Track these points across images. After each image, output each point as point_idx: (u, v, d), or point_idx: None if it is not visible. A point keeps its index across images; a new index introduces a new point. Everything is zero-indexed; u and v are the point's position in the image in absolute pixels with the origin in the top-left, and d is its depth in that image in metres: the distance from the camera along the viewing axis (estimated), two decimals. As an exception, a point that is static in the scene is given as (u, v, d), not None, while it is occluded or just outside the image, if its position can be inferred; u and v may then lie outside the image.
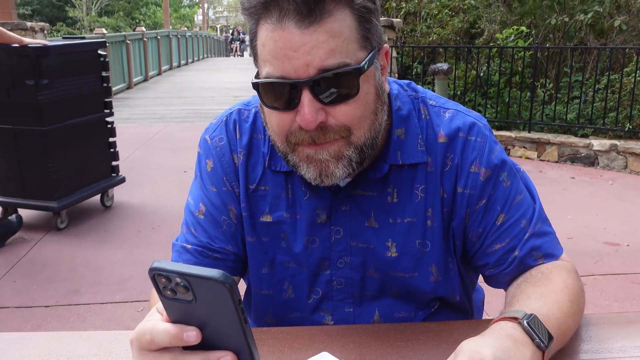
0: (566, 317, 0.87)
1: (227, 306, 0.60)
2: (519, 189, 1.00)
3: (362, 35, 0.84)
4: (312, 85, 0.81)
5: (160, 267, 0.61)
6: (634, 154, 5.70)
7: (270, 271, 1.04)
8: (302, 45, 0.80)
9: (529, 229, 0.98)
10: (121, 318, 2.89)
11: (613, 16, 6.86)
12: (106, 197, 4.61)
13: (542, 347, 0.77)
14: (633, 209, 4.55)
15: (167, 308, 0.66)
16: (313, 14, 0.79)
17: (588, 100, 6.58)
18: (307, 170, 0.89)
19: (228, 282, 0.59)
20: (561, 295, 0.90)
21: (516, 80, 7.17)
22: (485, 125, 1.02)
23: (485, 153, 0.98)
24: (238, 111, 1.05)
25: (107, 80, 4.40)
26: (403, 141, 0.98)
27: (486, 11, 7.95)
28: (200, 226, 1.03)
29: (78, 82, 4.11)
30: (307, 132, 0.85)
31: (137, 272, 3.38)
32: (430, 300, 1.04)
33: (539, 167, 5.98)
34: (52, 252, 3.73)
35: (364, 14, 0.84)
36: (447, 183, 0.98)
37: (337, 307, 1.03)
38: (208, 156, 1.05)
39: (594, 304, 2.98)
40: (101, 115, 4.44)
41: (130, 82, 13.10)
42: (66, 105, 3.99)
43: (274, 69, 0.82)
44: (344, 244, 1.00)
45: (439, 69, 6.12)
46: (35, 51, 3.72)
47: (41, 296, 3.11)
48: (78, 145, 4.16)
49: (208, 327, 0.64)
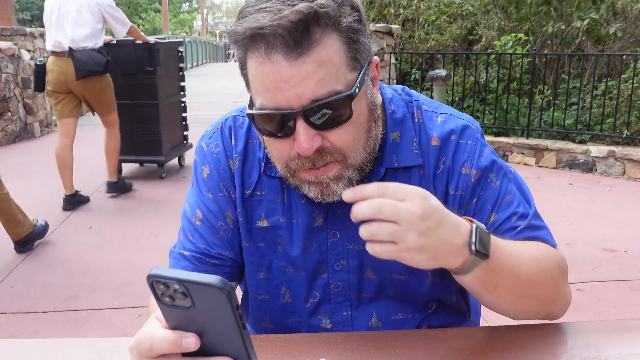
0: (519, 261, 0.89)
1: (225, 312, 0.61)
2: (508, 189, 1.01)
3: (351, 57, 0.84)
4: (306, 114, 0.82)
5: (158, 274, 0.61)
6: (632, 161, 5.71)
7: (267, 276, 1.04)
8: (291, 77, 0.80)
9: (522, 223, 0.99)
10: (120, 324, 2.88)
11: (610, 23, 6.89)
12: (182, 158, 6.10)
13: (471, 250, 0.81)
14: (631, 216, 4.56)
15: (166, 315, 0.66)
16: (300, 46, 0.79)
17: (586, 106, 6.59)
18: (309, 190, 0.91)
19: (226, 288, 0.59)
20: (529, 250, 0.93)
21: (514, 87, 7.19)
22: (477, 128, 1.03)
23: (476, 155, 1.00)
24: (233, 117, 1.06)
25: (182, 70, 6.09)
26: (398, 144, 0.99)
27: (484, 18, 7.98)
28: (198, 232, 1.03)
29: (169, 69, 5.68)
30: (305, 158, 0.86)
31: (135, 278, 3.38)
32: (427, 302, 1.04)
33: (537, 173, 5.99)
34: (51, 257, 3.72)
35: (352, 35, 0.84)
36: (439, 185, 1.00)
37: (334, 310, 1.03)
38: (204, 163, 1.05)
39: (592, 310, 2.98)
40: (180, 95, 6.02)
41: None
42: (165, 86, 5.55)
43: (267, 101, 0.83)
44: (341, 247, 1.00)
45: (437, 75, 6.14)
46: (154, 46, 5.23)
47: (39, 302, 3.10)
48: (169, 115, 5.71)
49: (207, 334, 0.65)
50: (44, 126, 8.28)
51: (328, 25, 0.81)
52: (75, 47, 4.39)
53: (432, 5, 8.42)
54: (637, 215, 4.56)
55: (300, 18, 0.78)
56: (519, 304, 0.93)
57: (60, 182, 4.77)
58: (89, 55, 4.40)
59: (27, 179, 5.70)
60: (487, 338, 0.94)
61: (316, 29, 0.80)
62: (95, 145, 7.42)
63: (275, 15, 0.78)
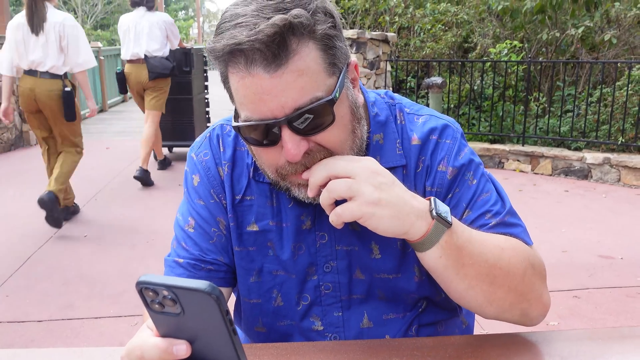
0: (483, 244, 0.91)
1: (215, 317, 0.61)
2: (485, 188, 1.02)
3: (329, 62, 0.86)
4: (290, 122, 0.84)
5: (147, 281, 0.61)
6: (627, 167, 5.73)
7: (259, 280, 1.05)
8: (273, 89, 0.82)
9: (494, 220, 0.99)
10: (116, 333, 2.87)
11: (604, 31, 6.94)
12: None
13: (432, 215, 0.86)
14: (627, 222, 4.57)
15: (156, 322, 0.66)
16: (278, 58, 0.81)
17: (581, 113, 6.62)
18: (300, 192, 0.93)
19: (214, 293, 0.59)
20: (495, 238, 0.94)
21: (510, 94, 7.22)
22: (457, 129, 1.05)
23: (453, 154, 1.02)
24: (220, 126, 1.09)
25: (206, 72, 7.32)
26: (382, 146, 1.02)
27: (479, 26, 8.02)
28: (191, 240, 1.04)
29: (198, 71, 6.93)
30: (296, 163, 0.88)
31: (131, 286, 3.36)
32: (416, 301, 1.05)
33: (532, 180, 6.00)
34: (46, 266, 3.71)
35: (327, 41, 0.86)
36: (419, 183, 1.02)
37: (326, 312, 1.04)
38: (194, 172, 1.07)
39: (588, 317, 2.98)
40: (204, 93, 7.25)
41: (125, 96, 13.11)
42: (196, 84, 6.85)
43: (251, 113, 0.85)
44: (329, 248, 1.02)
45: (433, 82, 6.16)
46: (190, 50, 6.45)
47: (34, 311, 3.09)
48: (198, 109, 6.99)
49: (197, 340, 0.64)
50: (39, 134, 8.26)
51: (304, 35, 0.83)
52: (149, 55, 5.59)
53: (427, 14, 8.46)
54: (633, 222, 4.57)
55: (275, 31, 0.79)
56: (488, 291, 0.91)
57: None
58: (159, 61, 5.61)
59: (22, 187, 5.68)
60: (483, 346, 0.94)
61: (292, 39, 0.82)
62: (88, 154, 7.41)
63: (252, 30, 0.80)
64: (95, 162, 6.81)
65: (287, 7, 0.82)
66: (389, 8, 8.89)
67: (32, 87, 4.14)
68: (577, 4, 6.77)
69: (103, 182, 5.83)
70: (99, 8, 24.86)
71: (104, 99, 11.69)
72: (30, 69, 4.16)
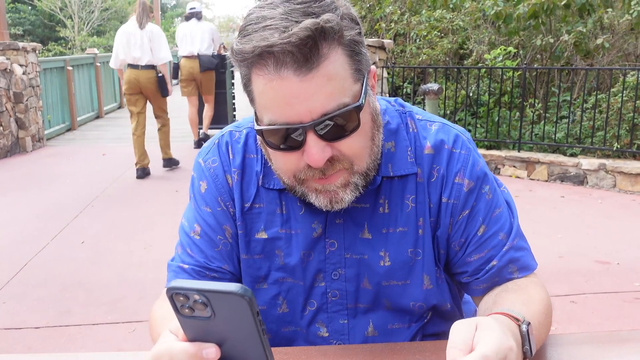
0: (541, 327, 0.91)
1: (246, 319, 0.61)
2: (499, 202, 1.04)
3: (355, 68, 0.87)
4: (316, 128, 0.84)
5: (178, 286, 0.62)
6: (622, 173, 5.76)
7: (264, 287, 1.05)
8: (302, 92, 0.82)
9: (507, 242, 1.02)
10: (113, 339, 2.86)
11: (597, 37, 6.98)
12: None
13: (528, 355, 0.81)
14: (623, 228, 4.59)
15: (185, 326, 0.66)
16: (309, 61, 0.81)
17: (576, 119, 6.66)
18: (317, 199, 0.93)
19: (247, 294, 0.60)
20: (539, 306, 0.95)
21: (505, 100, 7.25)
22: (468, 139, 1.06)
23: (469, 165, 1.02)
24: (230, 133, 1.08)
25: (233, 72, 8.57)
26: (393, 154, 1.02)
27: (474, 32, 8.07)
28: (197, 246, 1.04)
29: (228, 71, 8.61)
30: (316, 168, 0.88)
31: (129, 293, 3.35)
32: (423, 313, 1.05)
33: (529, 186, 6.02)
34: (43, 272, 3.70)
35: (354, 47, 0.86)
36: (433, 193, 1.02)
37: (332, 319, 1.04)
38: (201, 178, 1.06)
39: (586, 322, 2.99)
40: (232, 88, 8.99)
41: (121, 102, 13.09)
42: (228, 81, 8.79)
43: (276, 116, 0.85)
44: (338, 256, 1.02)
45: (429, 89, 6.18)
46: (225, 53, 8.03)
47: (32, 317, 3.08)
48: (230, 100, 8.93)
49: (226, 343, 0.65)
50: (35, 140, 8.24)
51: (334, 40, 0.83)
52: (201, 53, 7.52)
53: (423, 21, 8.50)
54: (629, 228, 4.59)
55: (308, 34, 0.79)
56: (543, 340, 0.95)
57: (50, 199, 5.08)
58: (208, 58, 7.54)
59: (18, 193, 5.67)
60: (484, 350, 0.94)
61: (323, 44, 0.82)
62: (86, 160, 7.41)
63: (284, 32, 0.79)
64: (92, 168, 6.80)
65: (315, 11, 0.82)
66: (385, 15, 8.94)
67: (136, 77, 6.01)
68: (570, 10, 6.82)
69: (100, 188, 5.82)
70: (95, 15, 24.85)
71: (100, 106, 11.67)
72: (134, 64, 6.02)
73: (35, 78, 8.39)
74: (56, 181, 6.17)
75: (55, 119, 9.52)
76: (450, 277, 1.10)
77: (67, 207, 5.14)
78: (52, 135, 9.17)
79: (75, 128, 10.11)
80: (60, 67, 9.91)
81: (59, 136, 9.37)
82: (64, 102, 9.89)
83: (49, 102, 9.26)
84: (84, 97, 10.93)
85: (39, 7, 24.22)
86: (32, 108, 8.13)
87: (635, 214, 5.01)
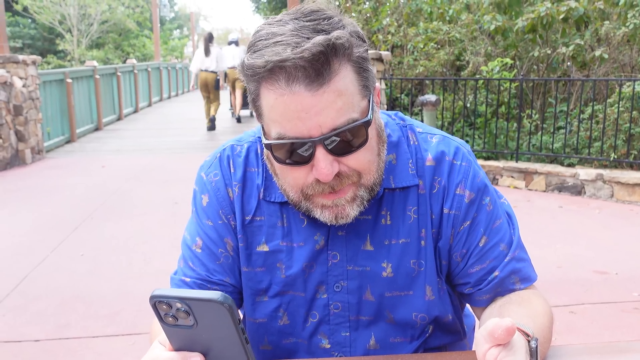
0: (545, 342, 0.92)
1: (227, 327, 0.62)
2: (499, 214, 1.05)
3: (363, 85, 0.89)
4: (325, 142, 0.85)
5: (160, 294, 0.63)
6: (620, 183, 5.79)
7: (265, 300, 1.06)
8: (312, 107, 0.83)
9: (508, 253, 1.03)
10: (112, 352, 2.86)
11: (594, 49, 7.04)
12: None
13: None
14: (620, 238, 4.60)
15: (170, 335, 0.67)
16: (321, 77, 0.82)
17: (573, 130, 6.69)
18: (322, 214, 0.94)
19: (227, 302, 0.60)
20: (544, 319, 0.96)
21: (502, 111, 7.29)
22: (469, 151, 1.07)
23: (469, 177, 1.03)
24: (231, 147, 1.09)
25: None
26: (394, 166, 1.03)
27: (471, 44, 8.12)
28: (198, 260, 1.05)
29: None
30: (324, 183, 0.89)
31: (128, 305, 3.35)
32: (425, 324, 1.06)
33: (527, 196, 6.04)
34: (42, 285, 3.69)
35: (362, 64, 0.88)
36: (435, 205, 1.03)
37: (334, 331, 1.05)
38: (203, 192, 1.07)
39: (584, 333, 2.99)
40: None
41: (120, 114, 13.14)
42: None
43: (286, 130, 0.86)
44: (341, 268, 1.02)
45: (427, 100, 6.22)
46: None
47: (31, 330, 3.07)
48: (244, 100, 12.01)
49: (211, 352, 0.66)
50: (35, 153, 8.25)
51: (344, 56, 0.85)
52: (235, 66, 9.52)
53: (420, 32, 8.56)
54: (627, 238, 4.60)
55: (320, 50, 0.81)
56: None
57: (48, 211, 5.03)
58: None
59: (18, 205, 5.67)
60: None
61: (334, 59, 0.84)
62: (84, 172, 7.42)
63: (296, 48, 0.81)
64: (90, 181, 6.81)
65: (324, 28, 0.84)
66: (382, 27, 9.00)
67: (205, 77, 10.83)
68: (568, 23, 6.88)
69: (99, 201, 5.82)
70: (94, 28, 24.95)
71: (100, 118, 11.70)
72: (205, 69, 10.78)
73: (35, 91, 8.42)
74: (55, 193, 6.18)
75: (55, 131, 9.54)
76: (452, 289, 1.10)
77: (66, 219, 5.14)
78: (52, 147, 9.19)
79: (74, 140, 10.13)
80: (60, 80, 9.95)
81: (58, 148, 9.39)
82: (63, 115, 9.91)
83: (49, 114, 9.28)
84: (83, 109, 10.96)
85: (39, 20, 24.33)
86: (31, 120, 8.15)
87: (633, 223, 5.03)
